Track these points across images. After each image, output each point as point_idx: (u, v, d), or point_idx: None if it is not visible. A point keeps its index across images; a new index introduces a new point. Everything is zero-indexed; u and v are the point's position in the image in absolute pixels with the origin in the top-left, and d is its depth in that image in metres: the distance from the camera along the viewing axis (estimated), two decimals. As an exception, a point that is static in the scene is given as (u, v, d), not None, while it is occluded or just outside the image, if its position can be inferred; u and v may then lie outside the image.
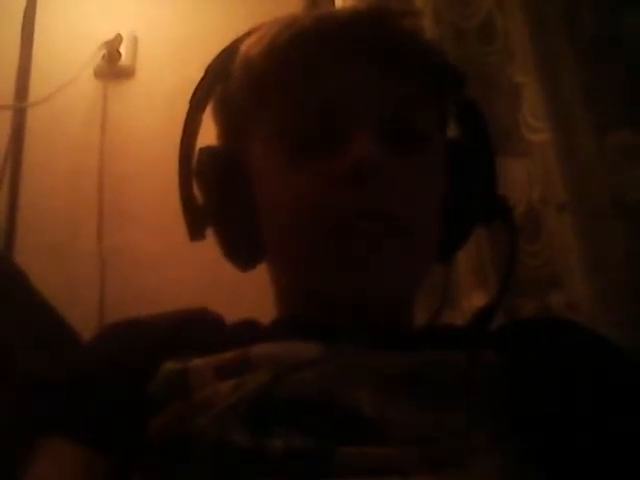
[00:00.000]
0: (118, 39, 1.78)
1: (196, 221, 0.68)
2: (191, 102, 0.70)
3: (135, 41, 1.82)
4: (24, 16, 1.78)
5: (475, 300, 1.14)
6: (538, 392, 0.56)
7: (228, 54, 0.70)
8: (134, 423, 0.56)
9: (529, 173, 1.16)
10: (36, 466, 0.56)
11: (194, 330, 0.65)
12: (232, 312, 0.69)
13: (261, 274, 0.70)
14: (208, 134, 0.72)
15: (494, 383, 0.56)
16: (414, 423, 0.51)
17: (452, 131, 0.72)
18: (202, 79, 0.71)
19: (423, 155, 0.63)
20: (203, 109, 0.70)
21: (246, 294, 1.14)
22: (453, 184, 0.65)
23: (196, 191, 0.68)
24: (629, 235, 1.04)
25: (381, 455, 0.49)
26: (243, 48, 0.67)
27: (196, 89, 0.71)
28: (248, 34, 0.69)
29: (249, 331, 0.66)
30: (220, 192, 0.66)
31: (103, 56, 1.78)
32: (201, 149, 0.68)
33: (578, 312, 1.04)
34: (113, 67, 1.79)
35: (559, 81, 1.15)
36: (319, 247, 0.60)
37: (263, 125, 0.65)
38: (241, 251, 0.68)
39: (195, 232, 0.68)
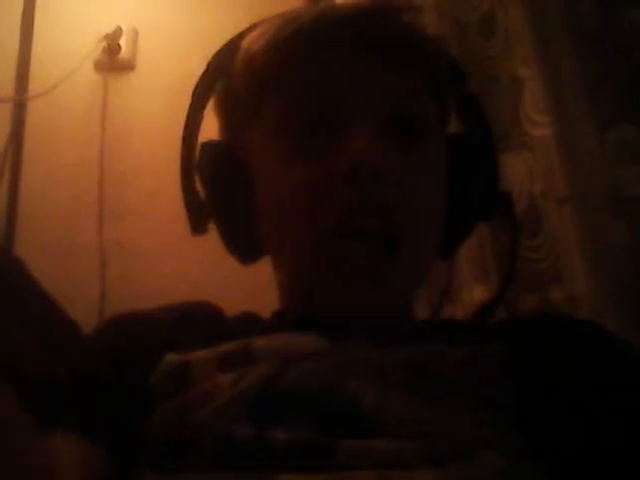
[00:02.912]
0: (118, 32, 1.77)
1: (198, 215, 0.68)
2: (193, 97, 0.70)
3: (135, 34, 1.81)
4: (24, 8, 1.78)
5: (476, 294, 1.15)
6: (540, 387, 0.56)
7: (229, 49, 0.69)
8: (136, 417, 0.56)
9: (530, 167, 1.16)
10: (38, 462, 0.56)
11: (195, 323, 0.65)
12: (232, 307, 0.69)
13: (262, 268, 0.70)
14: (210, 128, 0.72)
15: (495, 378, 0.55)
16: (415, 417, 0.51)
17: (454, 127, 0.72)
18: (203, 74, 0.71)
19: (423, 151, 0.63)
20: (205, 104, 0.71)
21: (246, 289, 1.14)
22: (455, 180, 0.65)
23: (198, 185, 0.68)
24: (629, 230, 1.04)
25: (383, 449, 0.49)
26: (245, 43, 0.67)
27: (197, 84, 0.71)
28: (249, 29, 0.69)
29: (250, 324, 0.66)
30: (222, 187, 0.66)
31: (103, 49, 1.77)
32: (203, 144, 0.68)
33: (578, 307, 1.04)
34: (113, 60, 1.78)
35: (560, 75, 1.15)
36: (317, 253, 0.60)
37: (264, 121, 0.65)
38: (242, 245, 0.68)
39: (197, 226, 0.68)
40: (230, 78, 0.68)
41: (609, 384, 0.57)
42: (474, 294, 1.15)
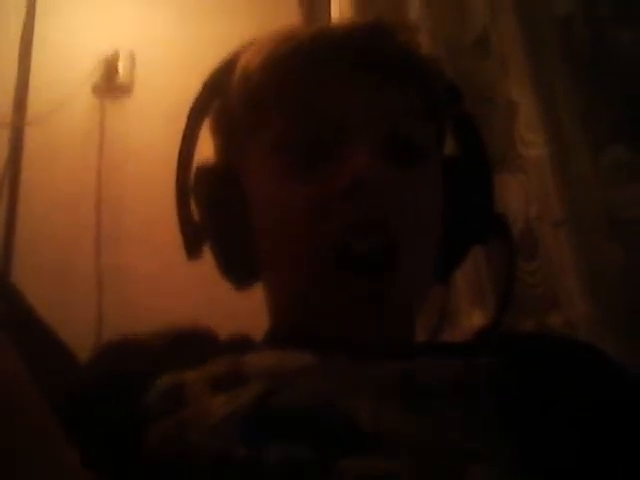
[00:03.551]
0: (115, 56, 1.79)
1: (193, 239, 0.67)
2: (189, 117, 0.70)
3: (132, 58, 1.83)
4: (22, 33, 1.79)
5: (475, 319, 1.14)
6: (536, 405, 0.55)
7: (225, 68, 0.69)
8: (134, 443, 0.56)
9: (526, 190, 1.16)
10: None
11: (189, 346, 0.64)
12: (228, 331, 0.69)
13: (258, 293, 0.70)
14: (207, 149, 0.72)
15: (491, 394, 0.55)
16: (412, 433, 0.51)
17: (449, 147, 0.72)
18: (199, 93, 0.70)
19: (421, 170, 0.63)
20: (200, 124, 0.70)
21: (242, 313, 1.14)
22: (451, 201, 0.65)
23: (193, 208, 0.68)
24: (624, 251, 1.04)
25: (380, 467, 0.48)
26: (241, 62, 0.67)
27: (193, 103, 0.70)
28: (245, 48, 0.69)
29: (242, 344, 0.65)
30: (217, 209, 0.66)
31: (101, 73, 1.78)
32: (198, 167, 0.67)
33: (576, 330, 1.04)
34: (111, 84, 1.80)
35: (554, 97, 1.15)
36: (317, 283, 0.60)
37: (261, 140, 0.65)
38: (237, 269, 0.67)
39: (192, 250, 0.68)
40: (226, 97, 0.68)
41: (605, 406, 0.56)
42: (473, 319, 1.15)
